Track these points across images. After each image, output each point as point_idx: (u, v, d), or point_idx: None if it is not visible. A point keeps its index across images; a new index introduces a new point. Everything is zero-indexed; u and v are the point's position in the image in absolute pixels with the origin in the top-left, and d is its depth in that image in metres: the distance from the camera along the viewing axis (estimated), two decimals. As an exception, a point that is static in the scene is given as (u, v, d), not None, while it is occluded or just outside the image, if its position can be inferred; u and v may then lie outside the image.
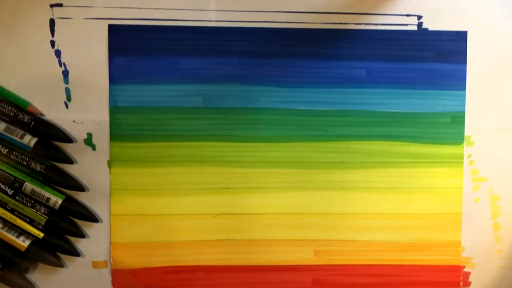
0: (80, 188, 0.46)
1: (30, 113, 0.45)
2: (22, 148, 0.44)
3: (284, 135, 0.47)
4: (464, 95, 0.47)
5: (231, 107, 0.46)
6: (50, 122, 0.46)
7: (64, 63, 0.46)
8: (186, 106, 0.46)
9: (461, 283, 0.48)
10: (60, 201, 0.45)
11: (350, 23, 0.46)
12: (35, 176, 0.45)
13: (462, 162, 0.48)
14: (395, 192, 0.48)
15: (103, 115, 0.46)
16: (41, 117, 0.46)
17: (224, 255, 0.47)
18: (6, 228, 0.45)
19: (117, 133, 0.46)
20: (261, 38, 0.46)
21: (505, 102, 0.48)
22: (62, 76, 0.46)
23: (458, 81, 0.47)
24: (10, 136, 0.44)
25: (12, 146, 0.45)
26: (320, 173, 0.47)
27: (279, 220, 0.47)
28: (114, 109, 0.46)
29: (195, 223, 0.47)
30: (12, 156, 0.45)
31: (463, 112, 0.47)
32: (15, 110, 0.44)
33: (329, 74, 0.47)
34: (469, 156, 0.48)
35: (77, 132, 0.46)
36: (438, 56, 0.47)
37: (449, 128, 0.47)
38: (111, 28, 0.46)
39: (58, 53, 0.46)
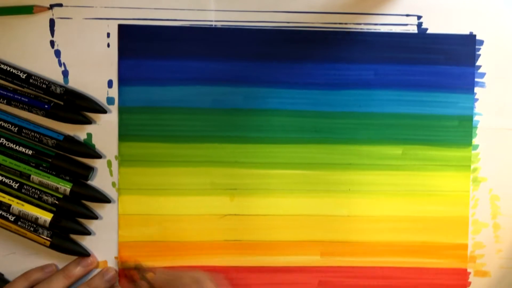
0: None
1: (62, 85, 0.45)
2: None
3: (292, 136, 0.47)
4: (473, 99, 0.47)
5: (240, 108, 0.46)
6: (83, 94, 0.45)
7: (64, 63, 0.46)
8: (194, 107, 0.46)
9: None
10: (69, 188, 0.45)
11: (350, 23, 0.47)
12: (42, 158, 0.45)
13: (469, 165, 0.47)
14: (402, 194, 0.47)
15: (103, 115, 0.46)
16: (74, 88, 0.45)
17: (231, 256, 0.47)
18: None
19: (125, 134, 0.46)
20: (270, 40, 0.46)
21: (505, 102, 0.48)
22: (62, 76, 0.46)
23: (466, 84, 0.47)
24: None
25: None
26: (328, 175, 0.47)
27: (286, 221, 0.47)
28: (122, 109, 0.46)
29: (202, 224, 0.47)
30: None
31: (471, 116, 0.47)
32: (47, 82, 0.44)
33: (338, 76, 0.47)
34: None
35: (77, 132, 0.46)
36: (447, 58, 0.47)
37: (457, 131, 0.47)
38: (121, 28, 0.45)
39: (58, 53, 0.46)
